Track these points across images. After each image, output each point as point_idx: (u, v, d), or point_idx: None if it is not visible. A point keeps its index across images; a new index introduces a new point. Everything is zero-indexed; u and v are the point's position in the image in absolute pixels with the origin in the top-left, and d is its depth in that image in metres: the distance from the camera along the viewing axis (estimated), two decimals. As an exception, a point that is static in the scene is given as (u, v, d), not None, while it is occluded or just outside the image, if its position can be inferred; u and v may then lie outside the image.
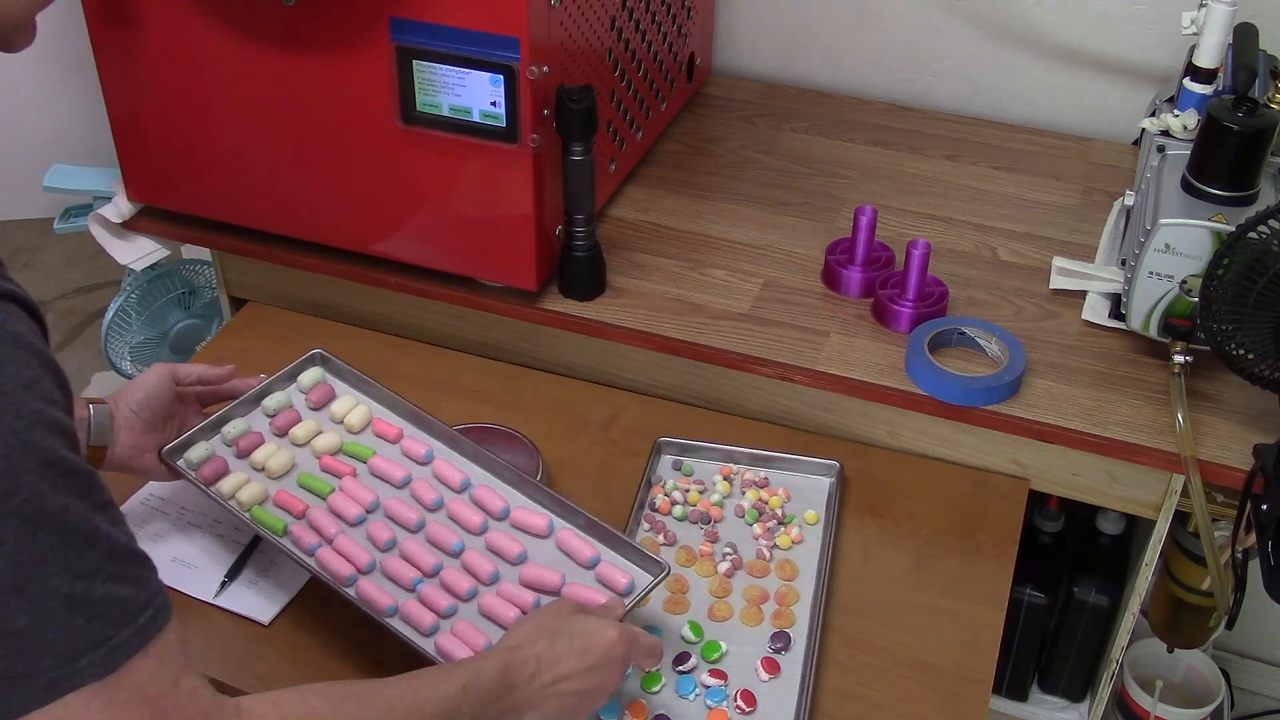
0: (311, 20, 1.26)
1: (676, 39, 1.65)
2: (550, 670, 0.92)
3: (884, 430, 1.34)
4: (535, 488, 1.16)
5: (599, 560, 1.10)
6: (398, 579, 1.09)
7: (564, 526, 1.13)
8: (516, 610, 1.06)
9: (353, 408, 1.25)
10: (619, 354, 1.40)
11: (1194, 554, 1.38)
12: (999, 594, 1.18)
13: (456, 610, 1.07)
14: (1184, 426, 1.20)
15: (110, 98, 1.42)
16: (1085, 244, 1.48)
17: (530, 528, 1.14)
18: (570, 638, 0.94)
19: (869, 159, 1.65)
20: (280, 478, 1.19)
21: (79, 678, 0.64)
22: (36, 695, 0.63)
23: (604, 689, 0.95)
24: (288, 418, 1.24)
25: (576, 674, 0.93)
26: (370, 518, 1.15)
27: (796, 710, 1.06)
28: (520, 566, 1.10)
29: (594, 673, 0.94)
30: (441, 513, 1.16)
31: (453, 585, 1.09)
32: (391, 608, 1.06)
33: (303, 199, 1.40)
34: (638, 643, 0.98)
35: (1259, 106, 1.20)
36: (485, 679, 0.88)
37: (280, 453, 1.20)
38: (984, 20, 1.71)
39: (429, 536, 1.13)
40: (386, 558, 1.11)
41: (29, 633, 0.62)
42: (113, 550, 0.66)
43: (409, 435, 1.23)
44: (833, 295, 1.41)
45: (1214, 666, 1.69)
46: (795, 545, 1.21)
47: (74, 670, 0.63)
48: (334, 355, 1.28)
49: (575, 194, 1.32)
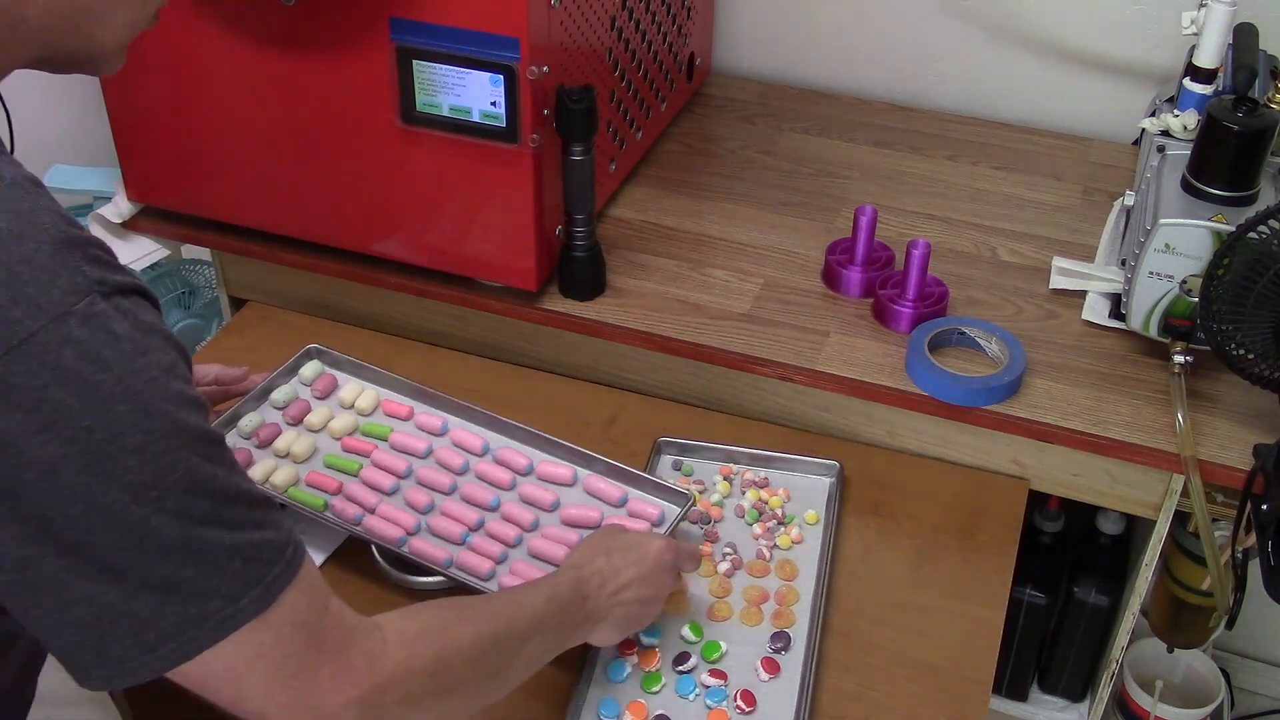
0: (311, 20, 1.26)
1: (676, 39, 1.65)
2: (613, 581, 1.01)
3: (884, 430, 1.34)
4: (552, 443, 1.23)
5: (627, 499, 1.19)
6: (446, 535, 1.16)
7: (588, 473, 1.22)
8: (565, 548, 1.13)
9: (360, 392, 1.30)
10: (619, 354, 1.40)
11: (1194, 554, 1.38)
12: (999, 594, 1.18)
13: (508, 556, 1.14)
14: (1184, 426, 1.20)
15: (110, 98, 1.42)
16: (1085, 244, 1.48)
17: (556, 478, 1.22)
18: (624, 552, 1.03)
19: (869, 159, 1.65)
20: (306, 461, 1.23)
21: (243, 615, 0.71)
22: (207, 636, 0.71)
23: (659, 596, 1.05)
24: (299, 408, 1.28)
25: (635, 582, 1.02)
26: (403, 485, 1.21)
27: (796, 710, 1.06)
28: (558, 511, 1.19)
29: (649, 580, 1.03)
30: (470, 474, 1.22)
31: (499, 534, 1.16)
32: (447, 560, 1.13)
33: (303, 199, 1.40)
34: (681, 549, 1.08)
35: (1259, 106, 1.20)
36: (563, 590, 0.97)
37: (301, 439, 1.24)
38: (984, 20, 1.71)
39: (464, 496, 1.20)
40: (430, 518, 1.17)
41: (197, 580, 0.70)
42: (254, 501, 0.73)
43: (421, 411, 1.29)
44: (833, 295, 1.41)
45: (1214, 666, 1.69)
46: (795, 545, 1.21)
47: (238, 609, 0.71)
48: (327, 348, 1.33)
49: (575, 194, 1.32)
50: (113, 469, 0.66)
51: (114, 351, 0.66)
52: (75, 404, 0.65)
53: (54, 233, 0.66)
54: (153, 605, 0.69)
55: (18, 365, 0.64)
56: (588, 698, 1.07)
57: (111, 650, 0.69)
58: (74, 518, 0.66)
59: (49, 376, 0.64)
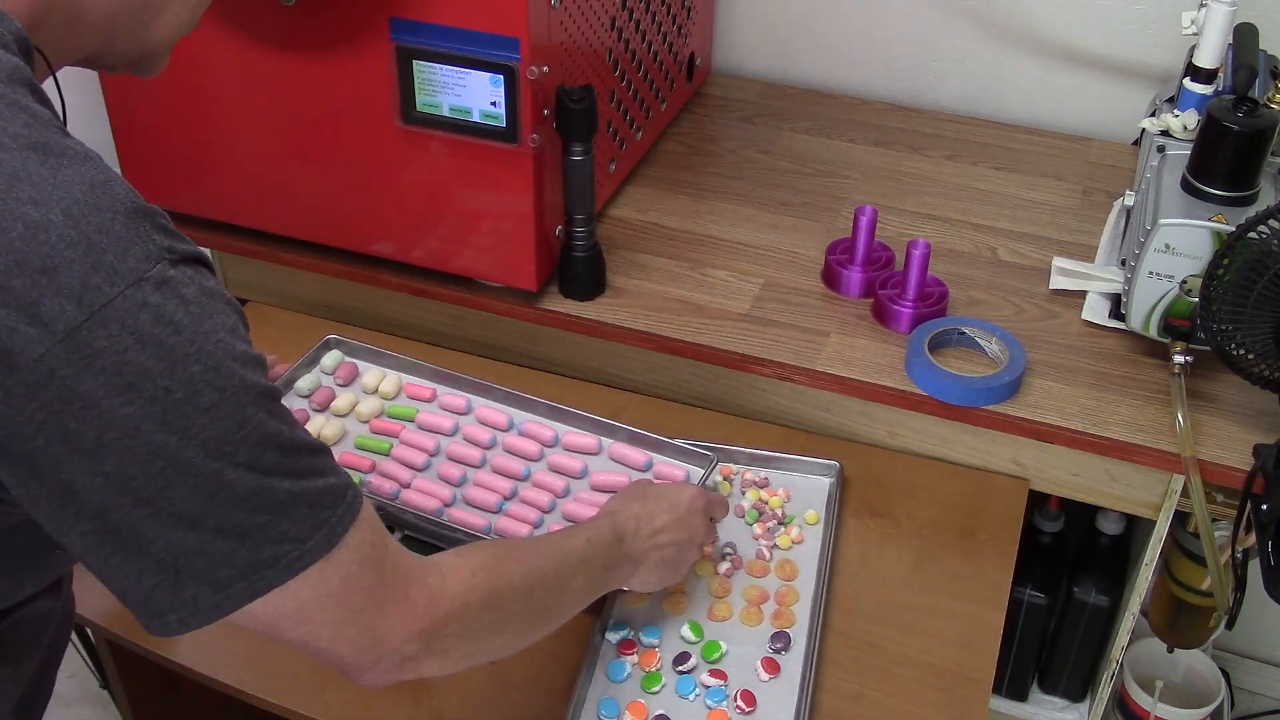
0: (311, 20, 1.26)
1: (676, 39, 1.65)
2: (648, 525, 1.06)
3: (884, 430, 1.34)
4: (574, 416, 1.28)
5: (652, 463, 1.25)
6: (482, 505, 1.20)
7: (612, 441, 1.26)
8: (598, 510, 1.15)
9: (382, 378, 1.34)
10: (619, 354, 1.40)
11: (1194, 554, 1.38)
12: (999, 594, 1.18)
13: (543, 521, 1.18)
14: (1184, 426, 1.20)
15: (110, 98, 1.42)
16: (1085, 244, 1.49)
17: (582, 448, 1.26)
18: (658, 499, 1.08)
19: (869, 159, 1.65)
20: (336, 445, 1.27)
21: (311, 555, 0.75)
22: (280, 574, 0.74)
23: (694, 540, 1.09)
24: (324, 395, 1.32)
25: (670, 526, 1.07)
26: (434, 462, 1.25)
27: (796, 710, 1.06)
28: (587, 477, 1.23)
29: (683, 525, 1.08)
30: (498, 448, 1.27)
31: (534, 500, 1.20)
32: (486, 527, 1.17)
33: (303, 199, 1.40)
34: (711, 497, 1.13)
35: (1259, 106, 1.20)
36: (601, 533, 1.02)
37: (330, 423, 1.28)
38: (984, 20, 1.71)
39: (495, 468, 1.24)
40: (465, 490, 1.22)
41: (268, 526, 0.73)
42: (314, 450, 0.77)
43: (443, 392, 1.33)
44: (833, 295, 1.41)
45: (1214, 666, 1.69)
46: (795, 545, 1.21)
47: (305, 550, 0.75)
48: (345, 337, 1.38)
49: (575, 194, 1.32)
50: (189, 427, 0.69)
51: (185, 315, 0.69)
52: (154, 366, 0.67)
53: (126, 203, 0.69)
54: (227, 550, 0.72)
55: (100, 330, 0.66)
56: (588, 698, 1.07)
57: (186, 590, 0.72)
58: (153, 474, 0.69)
59: (129, 340, 0.67)
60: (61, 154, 0.68)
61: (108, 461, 0.68)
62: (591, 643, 1.11)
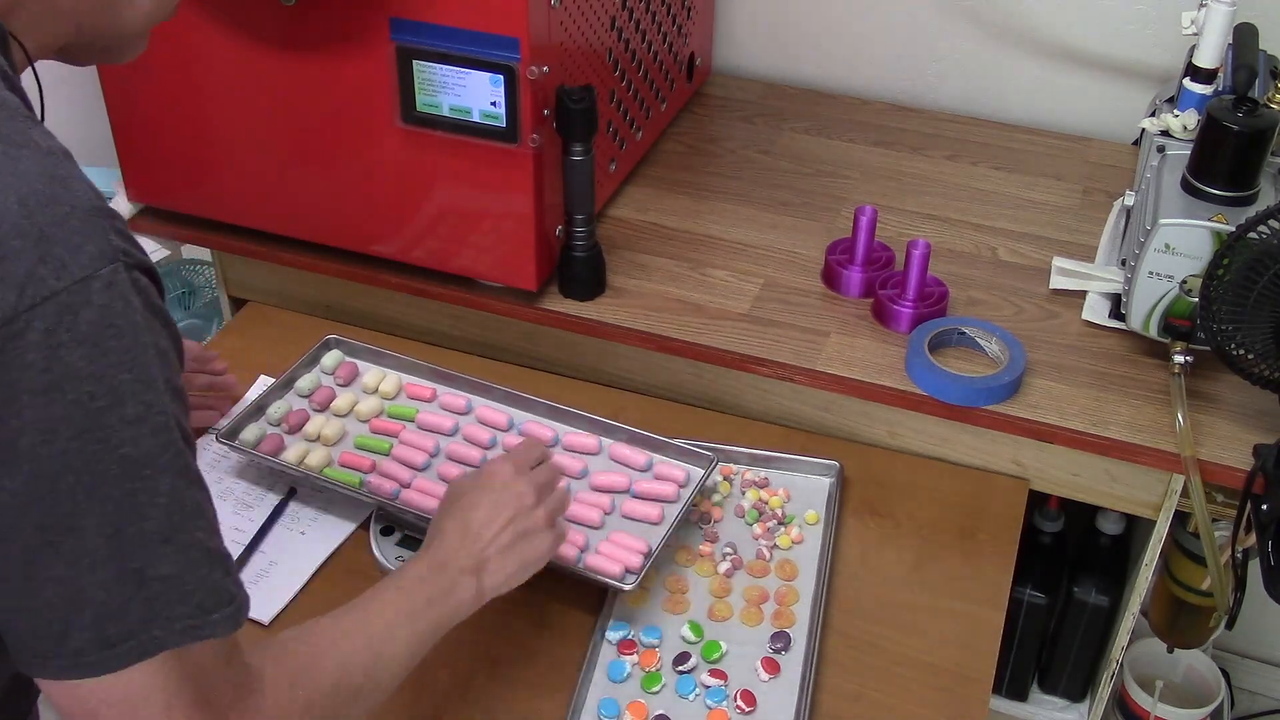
0: (311, 20, 1.26)
1: (676, 39, 1.65)
2: (473, 526, 0.97)
3: (884, 430, 1.34)
4: (574, 416, 1.28)
5: (652, 463, 1.24)
6: None
7: (611, 442, 1.26)
8: (598, 511, 1.18)
9: (382, 378, 1.34)
10: (619, 354, 1.40)
11: (1194, 554, 1.38)
12: (999, 594, 1.18)
13: None
14: (1184, 426, 1.20)
15: (110, 98, 1.42)
16: (1085, 244, 1.49)
17: (583, 448, 1.26)
18: (458, 499, 1.00)
19: (869, 159, 1.65)
20: (336, 444, 1.27)
21: (211, 629, 0.70)
22: (172, 639, 0.69)
23: (523, 506, 1.00)
24: (324, 394, 1.32)
25: (492, 513, 0.98)
26: (434, 462, 1.25)
27: (796, 710, 1.06)
28: (587, 478, 1.23)
29: (503, 501, 0.99)
30: (498, 448, 1.26)
31: None
32: None
33: (303, 199, 1.40)
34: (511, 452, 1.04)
35: (1259, 106, 1.20)
36: (413, 572, 0.94)
37: (330, 423, 1.28)
38: (984, 20, 1.71)
39: None
40: None
41: (173, 580, 0.68)
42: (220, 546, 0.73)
43: (443, 392, 1.33)
44: (833, 295, 1.41)
45: (1214, 666, 1.69)
46: (795, 545, 1.21)
47: (208, 622, 0.70)
48: (344, 337, 1.38)
49: (575, 194, 1.32)
50: (109, 438, 0.66)
51: (127, 321, 0.67)
52: (83, 367, 0.65)
53: (85, 201, 0.67)
54: (123, 598, 0.67)
55: (37, 321, 0.64)
56: (588, 698, 1.07)
57: (72, 642, 0.68)
58: (62, 491, 0.66)
59: (65, 336, 0.64)
60: (24, 144, 0.67)
61: (18, 471, 0.65)
62: (591, 643, 1.11)
